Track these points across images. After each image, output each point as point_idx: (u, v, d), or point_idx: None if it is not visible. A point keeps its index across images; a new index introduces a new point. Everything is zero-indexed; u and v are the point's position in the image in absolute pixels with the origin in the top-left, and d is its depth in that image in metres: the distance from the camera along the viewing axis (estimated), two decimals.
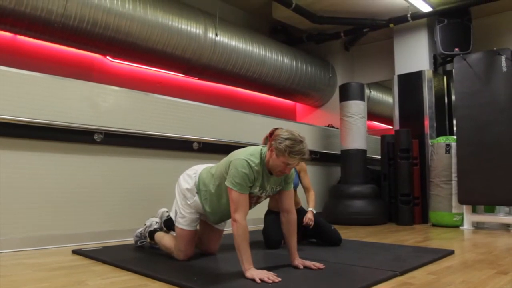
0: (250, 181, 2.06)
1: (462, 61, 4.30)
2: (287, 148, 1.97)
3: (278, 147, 1.99)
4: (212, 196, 2.27)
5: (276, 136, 2.04)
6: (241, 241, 1.96)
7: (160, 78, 5.01)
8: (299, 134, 2.04)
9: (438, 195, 4.47)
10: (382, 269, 2.14)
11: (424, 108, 5.05)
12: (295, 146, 1.98)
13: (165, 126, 3.63)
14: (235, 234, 1.98)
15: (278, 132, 2.06)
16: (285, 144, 1.98)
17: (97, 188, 3.18)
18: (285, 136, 2.01)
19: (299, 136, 2.03)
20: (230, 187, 2.04)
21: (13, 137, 2.78)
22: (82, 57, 4.33)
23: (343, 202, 4.72)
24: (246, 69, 5.21)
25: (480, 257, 2.58)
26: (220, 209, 2.29)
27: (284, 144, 1.98)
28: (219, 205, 2.27)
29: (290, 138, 1.99)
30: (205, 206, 2.31)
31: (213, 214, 2.33)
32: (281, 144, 1.98)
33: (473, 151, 4.14)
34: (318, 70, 6.29)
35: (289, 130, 2.05)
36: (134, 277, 2.01)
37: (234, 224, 1.99)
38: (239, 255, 1.97)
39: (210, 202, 2.29)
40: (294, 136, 2.01)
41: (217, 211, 2.31)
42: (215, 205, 2.28)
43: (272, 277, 1.87)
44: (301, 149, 1.99)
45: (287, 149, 1.97)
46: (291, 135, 2.01)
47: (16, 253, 2.64)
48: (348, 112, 4.96)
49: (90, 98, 3.18)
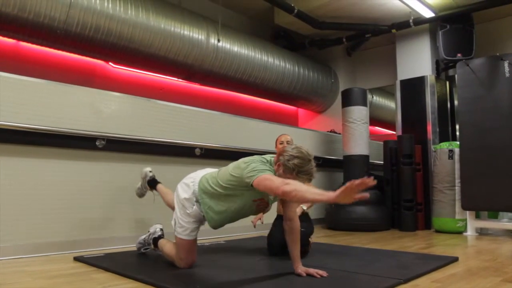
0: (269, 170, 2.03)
1: (465, 67, 4.28)
2: (296, 167, 1.96)
3: (286, 164, 1.97)
4: (217, 202, 2.22)
5: (284, 151, 2.02)
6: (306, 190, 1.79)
7: (162, 84, 5.02)
8: (307, 151, 2.03)
9: (441, 201, 4.44)
10: (385, 277, 2.12)
11: (426, 113, 5.04)
12: (304, 165, 1.97)
13: (167, 132, 3.62)
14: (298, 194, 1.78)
15: (287, 147, 2.05)
16: (294, 163, 1.96)
17: (99, 194, 3.17)
18: (294, 153, 1.99)
19: (308, 154, 2.01)
20: (257, 176, 1.94)
21: (15, 143, 2.77)
22: (85, 63, 4.34)
23: (345, 208, 4.69)
24: (248, 74, 5.21)
25: (485, 264, 2.56)
26: (226, 215, 2.25)
27: (292, 163, 1.96)
28: (225, 211, 2.23)
29: (299, 157, 1.97)
30: (207, 214, 2.28)
31: (215, 221, 2.30)
32: (290, 162, 1.97)
33: (477, 156, 4.12)
34: (320, 76, 6.28)
35: (297, 147, 2.04)
36: (136, 285, 2.00)
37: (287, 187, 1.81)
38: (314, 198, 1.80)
39: (214, 208, 2.25)
40: (303, 155, 1.99)
41: (222, 217, 2.26)
42: (220, 211, 2.24)
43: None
44: (310, 169, 1.98)
45: (296, 168, 1.96)
46: (300, 154, 1.99)
47: (17, 260, 2.63)
48: (351, 118, 4.94)
49: (92, 104, 3.18)
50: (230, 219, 2.28)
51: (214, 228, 2.41)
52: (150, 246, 2.77)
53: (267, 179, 1.93)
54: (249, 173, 2.01)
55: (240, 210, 2.22)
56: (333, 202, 1.71)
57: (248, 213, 2.30)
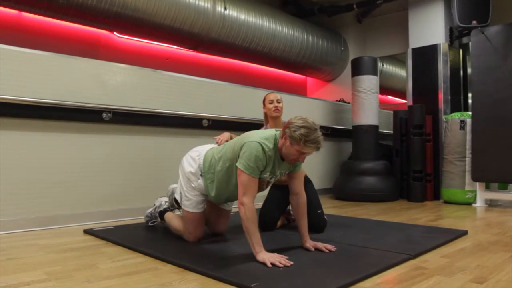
0: (262, 166, 2.02)
1: (480, 35, 4.13)
2: (302, 136, 1.92)
3: (292, 135, 1.94)
4: (221, 177, 2.22)
5: (289, 123, 1.98)
6: (250, 224, 1.94)
7: (169, 54, 4.93)
8: (313, 121, 1.98)
9: (451, 172, 4.40)
10: (395, 252, 2.11)
11: (438, 82, 4.92)
12: (310, 134, 1.93)
13: (174, 104, 3.58)
14: (243, 217, 1.95)
15: (291, 119, 2.00)
16: (300, 133, 1.92)
17: (106, 167, 3.17)
18: (300, 124, 1.94)
19: (314, 123, 1.97)
20: (241, 169, 2.00)
21: (20, 117, 2.76)
22: (89, 34, 4.26)
23: (354, 179, 4.68)
24: (256, 43, 5.09)
25: (494, 238, 2.54)
26: (228, 190, 2.25)
27: (298, 133, 1.92)
28: (227, 187, 2.23)
29: (305, 126, 1.93)
30: (210, 189, 2.28)
31: (218, 196, 2.29)
32: (296, 132, 1.93)
33: (489, 127, 4.03)
34: (330, 44, 6.14)
35: (303, 117, 1.99)
36: (145, 260, 2.01)
37: (242, 208, 1.96)
38: (249, 238, 1.95)
39: (217, 184, 2.24)
40: (309, 124, 1.95)
41: (224, 192, 2.26)
42: (222, 187, 2.24)
43: (283, 261, 1.86)
44: (316, 137, 1.94)
45: (302, 137, 1.91)
46: (306, 123, 1.95)
47: (27, 233, 2.66)
48: (360, 87, 4.85)
49: (97, 77, 3.13)
50: (227, 195, 2.29)
51: (216, 202, 2.41)
52: (157, 219, 2.78)
53: (243, 180, 1.99)
54: (240, 159, 2.03)
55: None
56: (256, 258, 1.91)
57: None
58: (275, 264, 1.83)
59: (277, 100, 2.89)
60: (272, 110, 2.88)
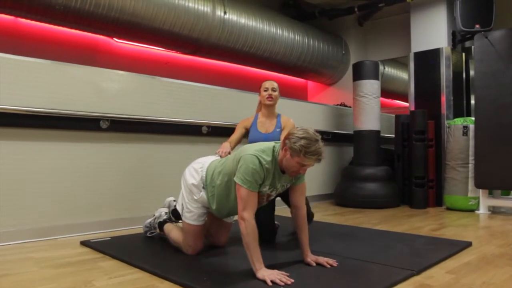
0: (260, 179, 1.97)
1: (483, 39, 4.08)
2: (303, 148, 1.87)
3: (292, 147, 1.89)
4: (220, 192, 2.18)
5: (290, 135, 1.93)
6: (250, 240, 1.89)
7: (168, 58, 4.88)
8: (314, 132, 1.94)
9: (453, 179, 4.35)
10: (398, 268, 2.06)
11: (441, 87, 4.86)
12: (311, 146, 1.88)
13: (173, 110, 3.53)
14: (243, 233, 1.90)
15: (292, 130, 1.95)
16: (300, 144, 1.87)
17: (104, 176, 3.12)
18: (300, 135, 1.90)
19: (315, 134, 1.92)
20: (239, 183, 1.95)
21: (16, 127, 2.70)
22: (87, 39, 4.21)
23: (355, 185, 4.63)
24: (256, 47, 5.04)
25: (499, 251, 2.49)
26: (228, 205, 2.21)
27: (299, 144, 1.87)
28: (228, 201, 2.19)
29: (305, 138, 1.88)
30: (211, 203, 2.24)
31: (219, 210, 2.26)
32: (296, 144, 1.88)
33: (492, 133, 3.98)
34: (331, 47, 6.08)
35: (304, 128, 1.94)
36: (142, 276, 1.96)
37: (242, 223, 1.91)
38: (249, 254, 1.90)
39: (217, 198, 2.20)
40: (309, 135, 1.90)
41: (225, 207, 2.23)
42: (223, 201, 2.20)
43: (284, 279, 1.80)
44: (317, 148, 1.89)
45: (303, 149, 1.86)
46: (307, 134, 1.90)
47: (23, 245, 2.61)
48: (362, 92, 4.79)
49: (94, 84, 3.08)
50: (228, 210, 2.24)
51: (219, 216, 2.36)
52: (156, 230, 2.74)
53: (242, 195, 1.94)
54: (238, 173, 1.98)
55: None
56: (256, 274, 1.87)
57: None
58: (275, 282, 1.78)
59: (272, 89, 2.84)
60: (265, 98, 2.84)
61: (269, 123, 2.90)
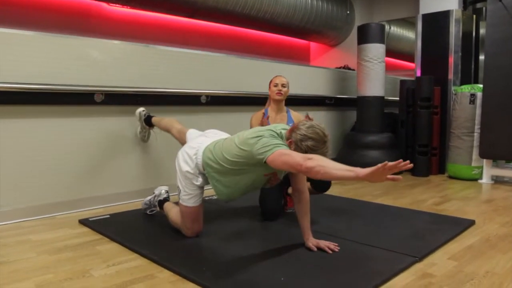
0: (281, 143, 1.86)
1: (497, 2, 3.86)
2: (309, 149, 1.81)
3: (298, 145, 1.82)
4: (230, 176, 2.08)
5: (297, 128, 1.85)
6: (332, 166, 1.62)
7: (165, 22, 4.66)
8: (322, 130, 1.86)
9: (458, 147, 4.27)
10: (400, 253, 2.03)
11: (449, 51, 4.67)
12: (318, 149, 1.81)
13: (170, 80, 3.40)
14: (321, 171, 1.61)
15: (299, 124, 1.88)
16: (307, 145, 1.81)
17: (100, 151, 3.05)
18: (309, 134, 1.83)
19: (323, 134, 1.86)
20: (273, 152, 1.77)
21: (5, 104, 2.59)
22: (78, 4, 3.99)
23: (358, 152, 4.57)
24: (257, 9, 4.81)
25: (503, 231, 2.46)
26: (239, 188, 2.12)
27: (305, 144, 1.82)
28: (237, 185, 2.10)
29: (313, 138, 1.83)
30: (218, 187, 2.14)
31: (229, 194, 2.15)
32: (303, 143, 1.82)
33: (500, 103, 3.86)
34: (335, 7, 5.82)
35: (312, 125, 1.87)
36: (141, 264, 1.94)
37: (313, 169, 1.62)
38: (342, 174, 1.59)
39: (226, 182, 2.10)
40: (318, 136, 1.83)
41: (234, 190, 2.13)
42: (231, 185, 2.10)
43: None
44: (324, 152, 1.83)
45: (309, 150, 1.81)
46: (315, 134, 1.84)
47: (22, 225, 2.59)
48: (366, 56, 4.62)
49: (87, 56, 2.94)
50: (240, 192, 2.16)
51: (224, 201, 2.31)
52: (156, 208, 2.70)
53: (285, 154, 1.75)
54: (261, 149, 1.83)
55: (251, 184, 2.09)
56: (362, 180, 1.54)
57: (258, 186, 2.18)
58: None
59: (282, 84, 2.88)
60: (274, 93, 2.88)
61: (279, 118, 2.92)
